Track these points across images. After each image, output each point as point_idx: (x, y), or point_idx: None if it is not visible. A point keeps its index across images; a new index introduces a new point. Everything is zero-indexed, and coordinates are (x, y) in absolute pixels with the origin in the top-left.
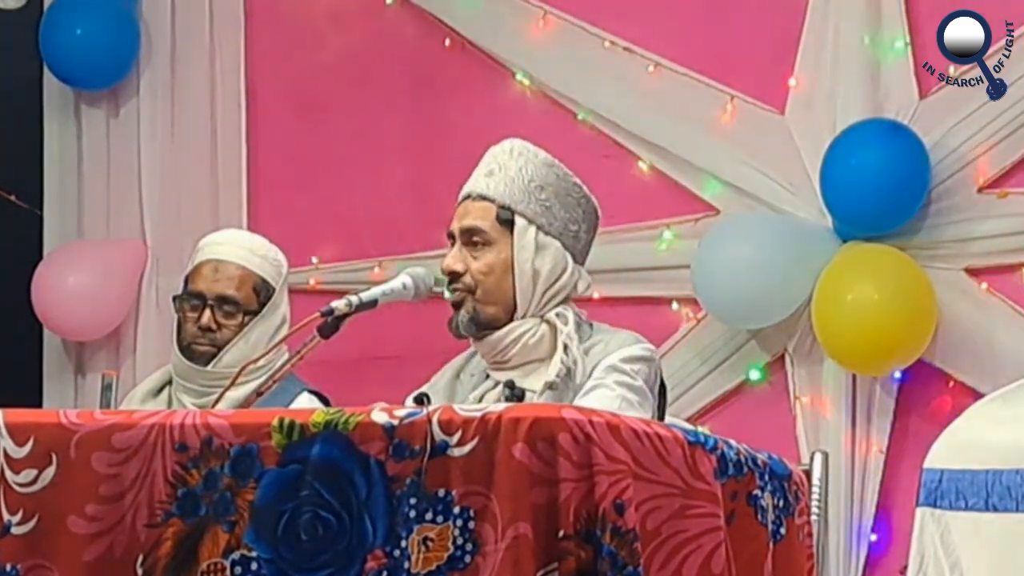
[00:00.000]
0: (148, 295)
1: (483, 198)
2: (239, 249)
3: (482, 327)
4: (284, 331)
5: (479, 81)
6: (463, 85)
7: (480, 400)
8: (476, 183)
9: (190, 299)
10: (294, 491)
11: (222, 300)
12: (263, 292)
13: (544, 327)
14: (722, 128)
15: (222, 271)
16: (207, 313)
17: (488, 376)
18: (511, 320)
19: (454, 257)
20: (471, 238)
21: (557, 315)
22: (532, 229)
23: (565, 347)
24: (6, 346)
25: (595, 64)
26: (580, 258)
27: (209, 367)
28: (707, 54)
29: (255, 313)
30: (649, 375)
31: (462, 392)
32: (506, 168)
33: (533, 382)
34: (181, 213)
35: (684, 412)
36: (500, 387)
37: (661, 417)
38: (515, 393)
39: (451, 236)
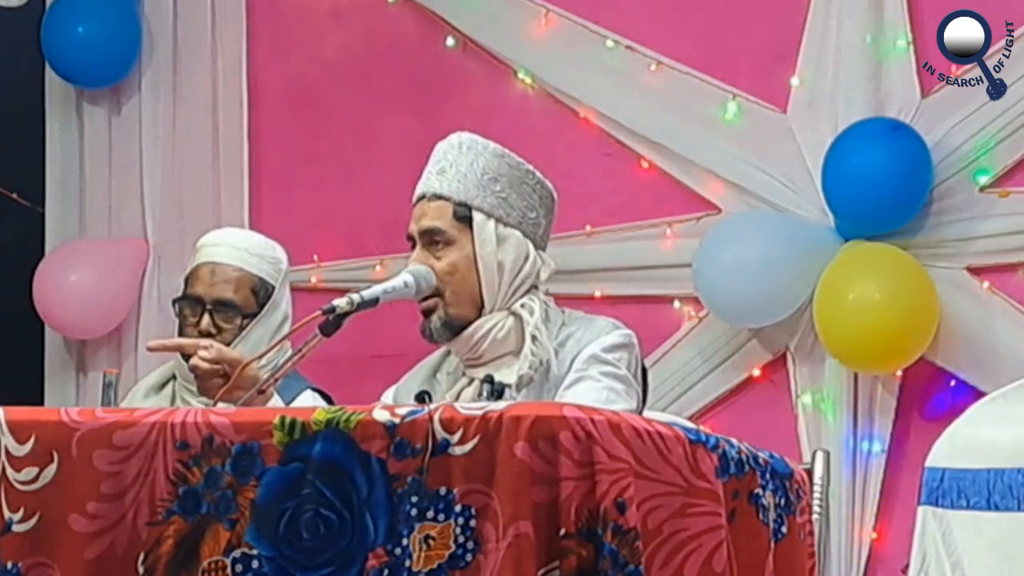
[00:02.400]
0: (150, 293)
1: (438, 197)
2: (236, 250)
3: (455, 330)
4: (285, 329)
5: (481, 79)
6: (465, 83)
7: (456, 398)
8: (429, 182)
9: (189, 303)
10: (295, 489)
11: (220, 304)
12: (262, 292)
13: (511, 319)
14: (724, 127)
15: (219, 274)
16: (206, 318)
17: (464, 373)
18: (479, 316)
19: (418, 260)
20: (431, 239)
21: (523, 306)
22: (491, 222)
23: (534, 338)
24: (8, 344)
25: (597, 63)
26: (541, 244)
27: None
28: (709, 53)
29: (254, 315)
30: (631, 361)
31: (440, 391)
32: (457, 164)
33: (508, 375)
34: (183, 211)
35: (685, 411)
36: (475, 384)
37: (644, 401)
38: (495, 388)
39: (411, 239)
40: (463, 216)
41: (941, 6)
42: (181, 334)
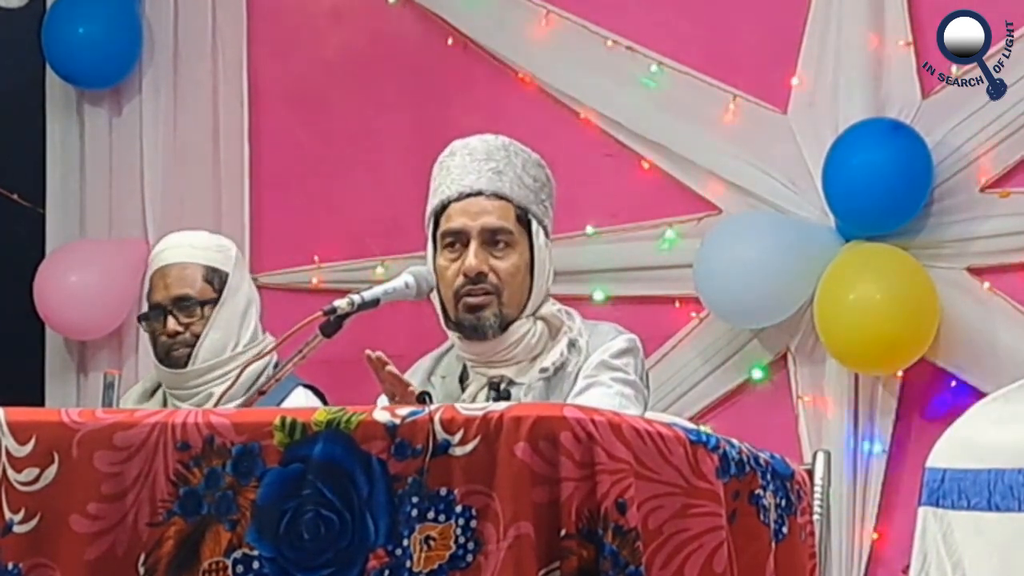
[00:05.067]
0: None
1: (499, 197)
2: (179, 249)
3: (504, 329)
4: (253, 312)
5: (481, 80)
6: (465, 84)
7: (473, 400)
8: (487, 181)
9: (153, 315)
10: (296, 490)
11: (178, 301)
12: (215, 279)
13: (540, 324)
14: (724, 127)
15: (170, 275)
16: (170, 319)
17: (466, 375)
18: (517, 319)
19: (479, 258)
20: (494, 238)
21: (560, 312)
22: (541, 230)
23: (573, 343)
24: (8, 345)
25: (597, 63)
26: None
27: (189, 367)
28: (709, 53)
29: (215, 301)
30: (637, 366)
31: (435, 395)
32: (512, 167)
33: (529, 378)
34: (183, 212)
35: (686, 411)
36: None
37: (646, 405)
38: (500, 395)
39: (457, 234)
40: (523, 220)
41: (941, 6)
42: (155, 347)
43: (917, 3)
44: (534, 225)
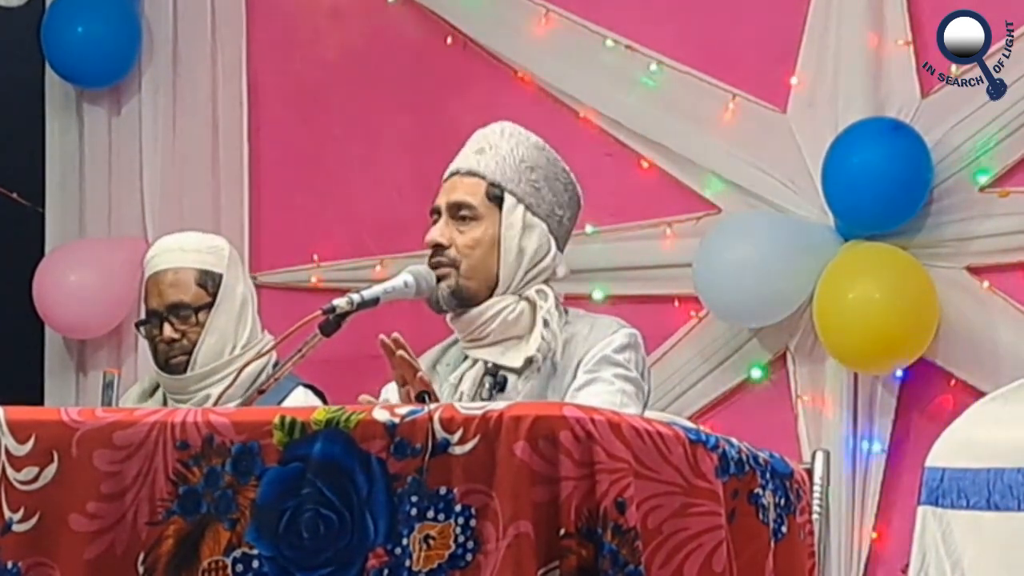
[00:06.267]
0: None
1: (472, 174)
2: (170, 254)
3: (463, 302)
4: (250, 311)
5: (481, 79)
6: (465, 83)
7: (459, 381)
8: (465, 160)
9: (149, 321)
10: (295, 489)
11: (173, 308)
12: (209, 283)
13: (524, 304)
14: (724, 127)
15: (163, 281)
16: (167, 327)
17: (465, 358)
18: (490, 296)
19: (439, 231)
20: (458, 212)
21: (538, 292)
22: (520, 208)
23: (545, 323)
24: (7, 344)
25: (597, 62)
26: (561, 244)
27: (188, 373)
28: (709, 53)
29: (210, 305)
30: (639, 362)
31: (438, 383)
32: (497, 147)
33: (511, 359)
34: (183, 211)
35: (686, 410)
36: (478, 364)
37: (647, 402)
38: (497, 380)
39: (436, 211)
40: (495, 196)
41: (941, 6)
42: (155, 354)
43: (917, 3)
44: (509, 201)
